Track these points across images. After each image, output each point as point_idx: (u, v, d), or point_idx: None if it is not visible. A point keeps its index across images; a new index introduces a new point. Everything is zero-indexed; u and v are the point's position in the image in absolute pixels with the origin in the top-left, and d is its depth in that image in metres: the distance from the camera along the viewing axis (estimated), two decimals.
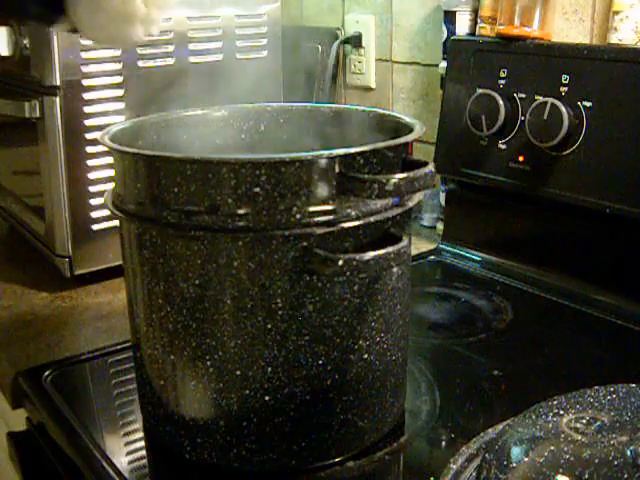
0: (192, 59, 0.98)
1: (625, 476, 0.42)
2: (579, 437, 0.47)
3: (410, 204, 0.57)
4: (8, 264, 1.05)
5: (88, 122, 0.90)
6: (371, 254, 0.50)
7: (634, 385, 0.53)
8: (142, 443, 0.64)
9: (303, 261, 0.51)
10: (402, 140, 0.56)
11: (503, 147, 0.94)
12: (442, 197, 1.09)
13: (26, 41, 0.92)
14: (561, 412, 0.50)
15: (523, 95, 0.91)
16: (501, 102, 0.92)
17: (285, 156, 0.51)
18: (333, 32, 1.31)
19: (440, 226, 1.08)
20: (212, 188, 0.51)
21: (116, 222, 0.61)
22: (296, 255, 0.51)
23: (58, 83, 0.87)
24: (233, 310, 0.53)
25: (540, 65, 0.90)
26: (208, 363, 0.55)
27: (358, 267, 0.50)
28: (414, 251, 1.00)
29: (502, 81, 0.94)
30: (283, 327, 0.53)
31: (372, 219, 0.53)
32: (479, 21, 1.00)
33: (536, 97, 0.89)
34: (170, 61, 0.96)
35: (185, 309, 0.54)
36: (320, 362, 0.54)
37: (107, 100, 0.91)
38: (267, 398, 0.54)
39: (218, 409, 0.55)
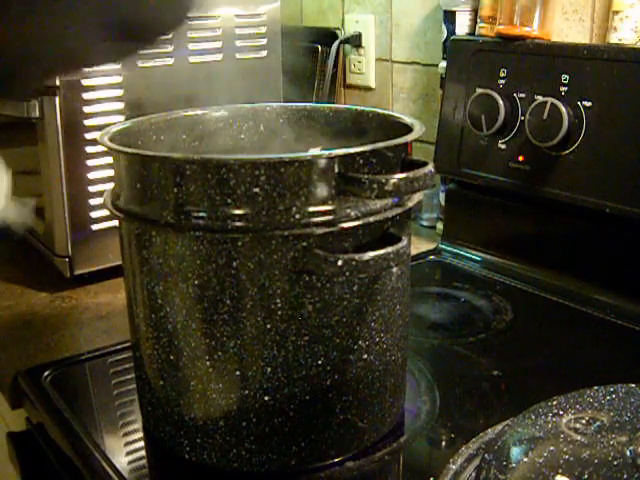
0: (192, 59, 0.98)
1: (625, 476, 0.42)
2: (578, 437, 0.47)
3: (410, 204, 0.57)
4: (8, 264, 1.05)
5: (88, 122, 0.90)
6: (371, 254, 0.50)
7: (634, 385, 0.53)
8: (142, 443, 0.64)
9: (302, 261, 0.51)
10: (402, 140, 0.56)
11: (503, 147, 0.94)
12: (442, 197, 1.08)
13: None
14: (561, 412, 0.50)
15: (523, 95, 0.91)
16: (501, 102, 0.92)
17: (284, 156, 0.51)
18: (333, 32, 1.31)
19: (440, 226, 1.08)
20: (211, 188, 0.51)
21: (116, 222, 0.61)
22: (295, 255, 0.51)
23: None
24: (232, 310, 0.53)
25: (540, 65, 0.90)
26: (207, 363, 0.55)
27: (358, 267, 0.50)
28: (414, 251, 1.00)
29: (502, 81, 0.94)
30: (282, 327, 0.53)
31: (372, 219, 0.53)
32: (479, 21, 1.00)
33: (536, 97, 0.89)
34: (170, 61, 0.96)
35: (184, 309, 0.54)
36: (319, 362, 0.54)
37: (107, 100, 0.91)
38: (267, 398, 0.54)
39: (217, 409, 0.55)
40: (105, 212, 0.89)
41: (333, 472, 0.57)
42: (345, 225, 0.52)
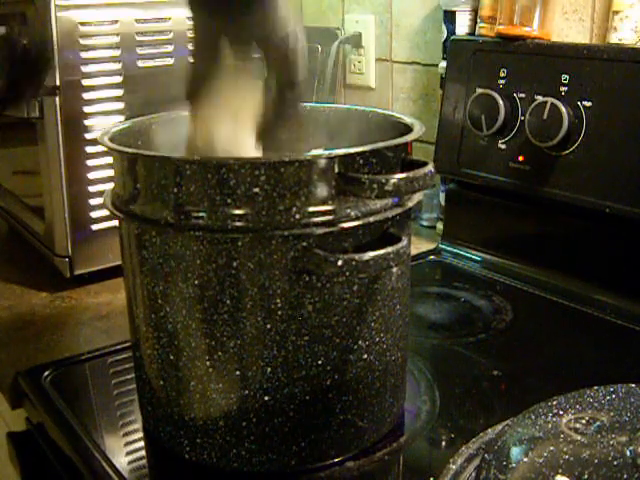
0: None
1: (625, 476, 0.42)
2: (578, 437, 0.47)
3: (410, 204, 0.57)
4: (8, 264, 1.05)
5: (88, 122, 0.90)
6: (371, 254, 0.50)
7: (634, 385, 0.53)
8: (142, 443, 0.64)
9: (303, 261, 0.51)
10: (402, 140, 0.56)
11: (503, 147, 0.94)
12: (442, 197, 1.08)
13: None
14: (561, 412, 0.50)
15: (523, 95, 0.91)
16: (501, 102, 0.92)
17: (284, 156, 0.51)
18: (333, 32, 1.31)
19: (440, 226, 1.08)
20: (211, 188, 0.51)
21: (116, 222, 0.61)
22: (296, 255, 0.51)
23: (58, 83, 0.87)
24: (232, 310, 0.53)
25: (540, 65, 0.90)
26: (207, 363, 0.55)
27: (358, 267, 0.50)
28: (414, 251, 1.00)
29: (502, 81, 0.94)
30: (282, 327, 0.53)
31: (372, 219, 0.53)
32: (479, 21, 1.00)
33: (536, 97, 0.89)
34: (170, 61, 0.96)
35: (184, 309, 0.54)
36: (319, 362, 0.54)
37: (107, 100, 0.91)
38: (266, 398, 0.54)
39: (217, 409, 0.55)
40: (105, 212, 0.89)
41: (333, 472, 0.57)
42: (345, 225, 0.52)
